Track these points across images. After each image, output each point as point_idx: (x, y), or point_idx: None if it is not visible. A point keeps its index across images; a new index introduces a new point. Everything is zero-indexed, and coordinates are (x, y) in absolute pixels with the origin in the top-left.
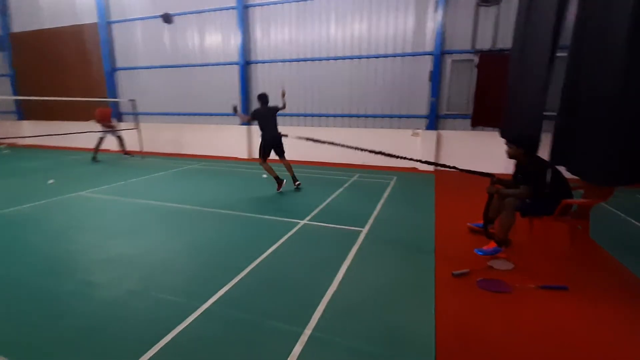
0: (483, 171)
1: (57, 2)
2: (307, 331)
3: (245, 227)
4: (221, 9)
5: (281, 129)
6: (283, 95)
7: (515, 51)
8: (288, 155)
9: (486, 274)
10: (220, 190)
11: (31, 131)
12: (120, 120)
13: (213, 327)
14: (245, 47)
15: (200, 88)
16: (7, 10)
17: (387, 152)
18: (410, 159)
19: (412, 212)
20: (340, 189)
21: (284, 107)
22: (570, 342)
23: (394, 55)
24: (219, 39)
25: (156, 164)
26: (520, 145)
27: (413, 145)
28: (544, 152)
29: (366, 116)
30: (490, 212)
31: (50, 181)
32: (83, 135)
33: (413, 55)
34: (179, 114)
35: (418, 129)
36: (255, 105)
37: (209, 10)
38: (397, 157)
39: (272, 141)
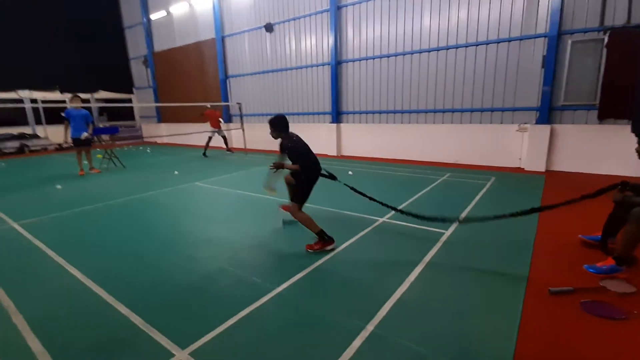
0: (610, 176)
1: (185, 23)
2: (370, 327)
3: (325, 221)
4: (315, 13)
5: (369, 127)
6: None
7: None
8: (372, 152)
9: (596, 295)
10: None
11: (166, 131)
12: (230, 121)
13: (282, 310)
14: (337, 47)
15: (294, 89)
16: (151, 33)
17: (481, 152)
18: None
19: (508, 219)
20: (427, 188)
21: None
22: None
23: (498, 41)
24: (312, 42)
25: (256, 160)
26: None
27: (517, 143)
28: None
29: (462, 111)
30: (614, 223)
31: (175, 172)
32: (202, 134)
33: (521, 40)
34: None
35: (526, 123)
36: (346, 101)
37: (304, 16)
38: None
39: (315, 180)
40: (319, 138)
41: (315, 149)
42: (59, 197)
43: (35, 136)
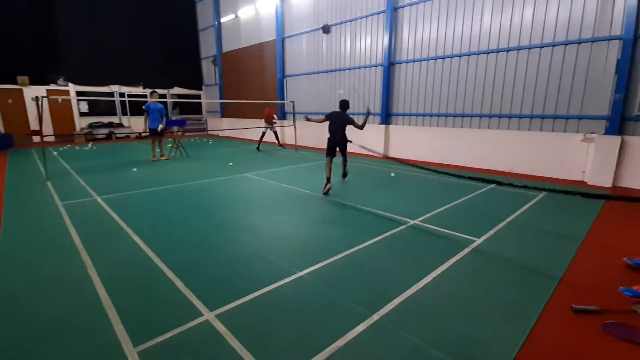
0: None
1: (250, 25)
2: (375, 316)
3: (355, 218)
4: (372, 15)
5: (419, 130)
6: (368, 114)
7: None
8: (420, 155)
9: (623, 318)
10: (347, 183)
11: (227, 125)
12: (284, 118)
13: (299, 292)
14: (391, 48)
15: (346, 90)
16: (220, 35)
17: (539, 162)
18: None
19: (551, 233)
20: (469, 196)
21: (361, 127)
22: None
23: (566, 43)
24: (367, 43)
25: (304, 156)
26: None
27: (581, 154)
28: None
29: (521, 117)
30: None
31: (230, 164)
32: (258, 129)
33: (592, 42)
34: (325, 114)
35: (593, 133)
36: (397, 103)
37: (360, 18)
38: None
39: (334, 145)
40: (367, 139)
41: (361, 150)
42: (133, 179)
43: (120, 125)
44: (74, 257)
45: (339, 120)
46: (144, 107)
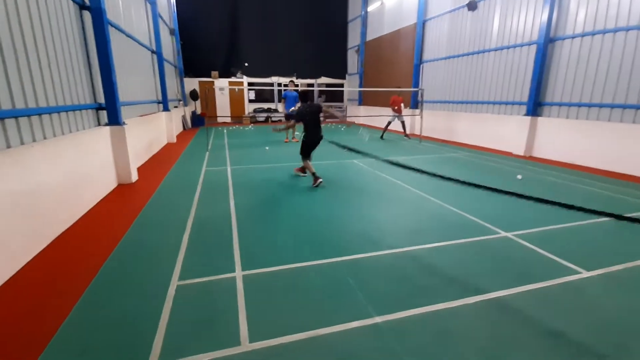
0: None
1: (393, 11)
2: (378, 319)
3: (443, 219)
4: None
5: (581, 124)
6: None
7: None
8: (579, 158)
9: None
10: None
11: (363, 113)
12: (416, 107)
13: (321, 276)
14: (551, 22)
15: (486, 75)
16: (366, 24)
17: None
18: None
19: None
20: (626, 214)
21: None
22: None
23: None
24: (520, 18)
25: (424, 148)
26: None
27: None
28: None
29: None
30: None
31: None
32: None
33: None
34: (460, 102)
35: None
36: (553, 90)
37: None
38: None
39: (316, 144)
40: (504, 132)
41: (499, 145)
42: (261, 155)
43: (275, 110)
44: (187, 207)
45: (316, 114)
46: (282, 94)
